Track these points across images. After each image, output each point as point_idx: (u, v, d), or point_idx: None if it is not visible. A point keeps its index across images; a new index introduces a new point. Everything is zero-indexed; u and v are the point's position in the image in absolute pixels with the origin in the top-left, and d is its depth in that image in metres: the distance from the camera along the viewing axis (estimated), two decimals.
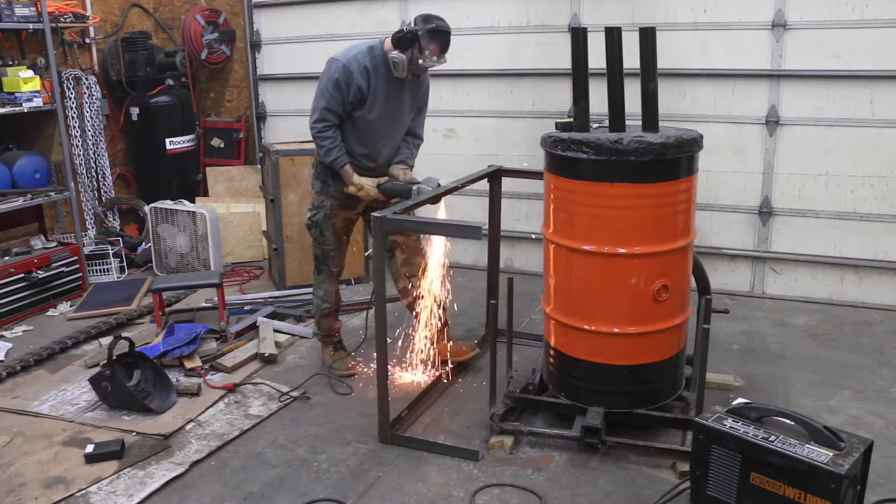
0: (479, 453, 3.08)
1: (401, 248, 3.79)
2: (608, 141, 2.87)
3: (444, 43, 3.44)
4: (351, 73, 3.42)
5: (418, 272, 3.82)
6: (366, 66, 3.45)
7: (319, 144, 3.55)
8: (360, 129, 3.58)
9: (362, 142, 3.61)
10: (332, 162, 3.55)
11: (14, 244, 5.11)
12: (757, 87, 4.69)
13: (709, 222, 4.92)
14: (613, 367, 3.10)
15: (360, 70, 3.44)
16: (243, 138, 6.66)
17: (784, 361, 3.94)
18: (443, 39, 3.43)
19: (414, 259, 3.82)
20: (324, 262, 3.84)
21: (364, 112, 3.53)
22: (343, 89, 3.44)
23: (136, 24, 6.52)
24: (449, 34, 3.45)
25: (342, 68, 3.44)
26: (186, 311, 4.80)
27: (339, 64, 3.46)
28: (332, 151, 3.53)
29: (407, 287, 3.85)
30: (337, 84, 3.44)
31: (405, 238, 3.80)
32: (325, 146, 3.53)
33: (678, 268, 3.09)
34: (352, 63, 3.44)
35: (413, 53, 3.43)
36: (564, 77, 4.99)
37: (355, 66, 3.43)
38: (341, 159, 3.54)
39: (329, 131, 3.50)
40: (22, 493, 2.91)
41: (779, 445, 2.38)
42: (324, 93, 3.48)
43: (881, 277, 4.66)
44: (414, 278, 3.82)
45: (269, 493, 2.90)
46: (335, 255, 3.82)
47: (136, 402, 3.50)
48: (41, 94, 5.04)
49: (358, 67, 3.44)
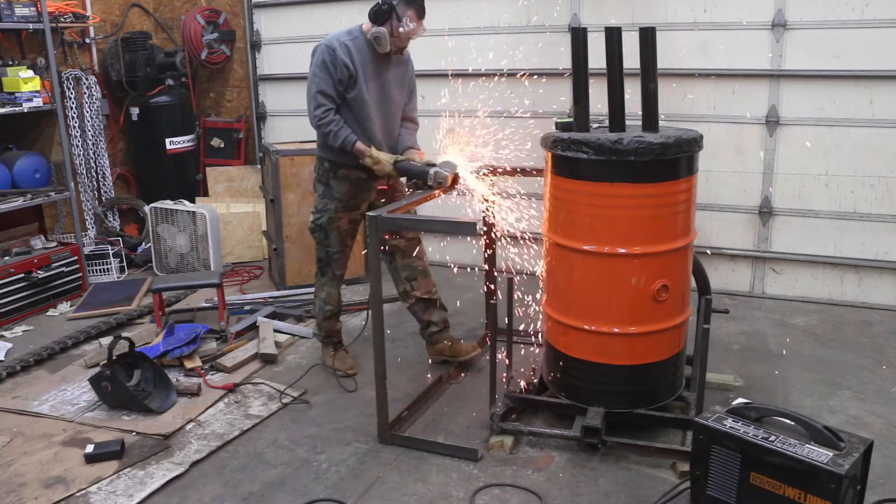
0: (478, 452, 3.08)
1: (402, 252, 3.78)
2: (608, 141, 2.87)
3: (420, 8, 3.47)
4: (334, 50, 3.46)
5: (419, 276, 3.82)
6: (347, 45, 3.48)
7: (325, 131, 3.51)
8: (354, 111, 3.56)
9: (358, 123, 3.58)
10: (343, 143, 3.51)
11: (14, 244, 5.11)
12: (757, 87, 4.69)
13: (709, 222, 4.92)
14: (613, 367, 3.10)
15: (342, 48, 3.47)
16: (243, 138, 6.67)
17: (784, 361, 3.94)
18: (418, 4, 3.46)
19: (414, 263, 3.82)
20: (328, 264, 3.82)
21: (355, 92, 3.53)
22: (330, 69, 3.46)
23: (136, 24, 6.52)
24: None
25: (325, 49, 3.48)
26: (186, 311, 4.80)
27: (321, 46, 3.50)
28: (340, 133, 3.51)
29: (408, 290, 3.84)
30: (323, 65, 3.47)
31: (406, 242, 3.79)
32: (332, 129, 3.50)
33: (678, 268, 3.09)
34: (333, 42, 3.48)
35: (392, 25, 3.46)
36: (564, 77, 4.99)
37: (337, 45, 3.47)
38: (350, 137, 3.52)
39: (330, 115, 3.50)
40: (22, 493, 2.91)
41: (779, 445, 2.38)
42: (313, 78, 3.51)
43: (881, 277, 4.66)
44: (414, 282, 3.82)
45: (269, 493, 2.90)
46: (339, 258, 3.81)
47: (136, 402, 3.50)
48: (41, 94, 5.04)
49: (340, 45, 3.47)
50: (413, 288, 3.83)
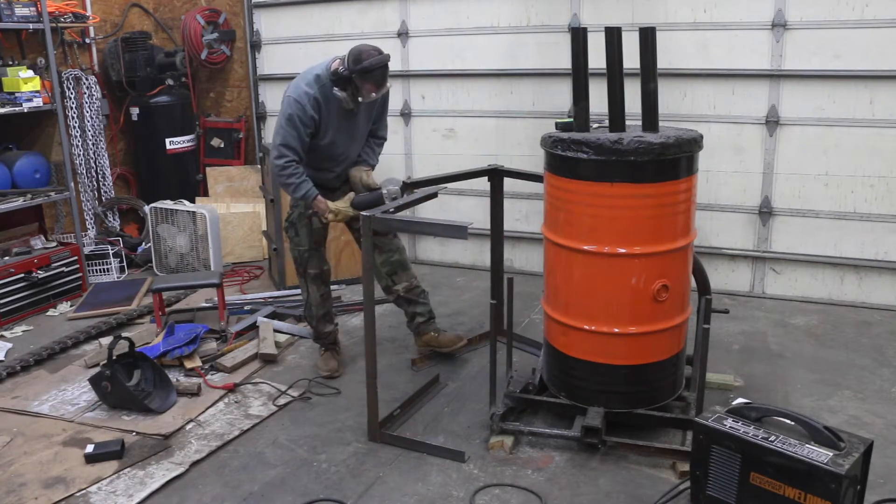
0: (465, 454, 3.08)
1: (379, 249, 3.80)
2: (608, 141, 2.87)
3: (378, 79, 3.46)
4: (303, 106, 3.48)
5: (398, 269, 3.87)
6: (315, 98, 3.50)
7: (286, 182, 3.58)
8: (318, 153, 3.66)
9: (321, 162, 3.70)
10: (303, 197, 3.60)
11: (14, 244, 5.11)
12: (757, 87, 4.69)
13: (709, 222, 4.92)
14: (613, 367, 3.10)
15: (311, 102, 3.49)
16: (243, 138, 6.67)
17: (784, 361, 3.94)
18: (375, 77, 3.45)
19: (392, 258, 3.86)
20: (300, 264, 3.86)
21: (319, 139, 3.61)
22: (297, 124, 3.49)
23: (136, 24, 6.52)
24: (382, 68, 3.45)
25: (293, 103, 3.49)
26: (186, 311, 4.80)
27: (290, 100, 3.51)
28: (301, 187, 3.58)
29: (389, 285, 3.89)
30: (290, 119, 3.49)
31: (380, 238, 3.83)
32: (293, 182, 3.56)
33: (678, 268, 3.09)
34: (302, 97, 3.48)
35: (352, 91, 3.48)
36: (564, 77, 4.99)
37: (306, 100, 3.48)
38: (311, 192, 3.60)
39: (291, 167, 3.54)
40: (22, 493, 2.91)
41: (779, 445, 2.38)
42: (280, 130, 3.53)
43: (881, 277, 4.66)
44: (395, 276, 3.87)
45: (269, 493, 2.90)
46: (310, 257, 3.83)
47: (136, 402, 3.50)
48: (41, 94, 5.04)
49: (308, 100, 3.48)
50: (394, 282, 3.88)
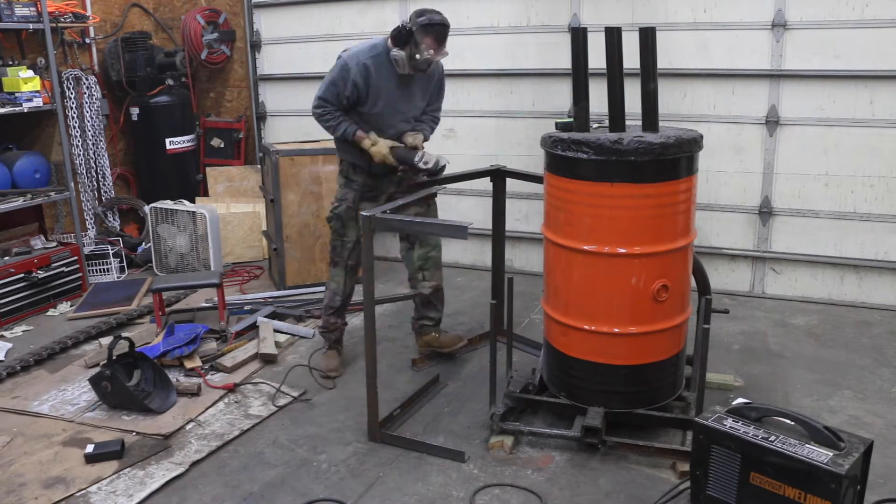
0: (465, 454, 3.08)
1: (420, 242, 3.81)
2: (608, 141, 2.87)
3: (439, 35, 3.47)
4: (348, 70, 3.51)
5: (431, 267, 3.86)
6: (365, 64, 3.51)
7: (325, 126, 3.64)
8: (365, 121, 3.65)
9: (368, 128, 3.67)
10: (343, 133, 3.62)
11: (14, 244, 5.11)
12: (757, 87, 4.69)
13: (709, 222, 4.92)
14: (613, 367, 3.10)
15: (359, 68, 3.50)
16: (243, 138, 6.66)
17: (784, 361, 3.94)
18: (437, 32, 3.46)
19: (430, 253, 3.86)
20: (340, 254, 3.85)
21: (368, 108, 3.60)
22: (339, 85, 3.54)
23: (136, 24, 6.52)
24: (444, 26, 3.48)
25: (342, 65, 3.55)
26: (186, 311, 4.80)
27: (341, 62, 3.58)
28: (339, 126, 3.61)
29: (418, 278, 3.89)
30: (335, 80, 3.56)
31: None
32: (331, 124, 3.62)
33: (678, 268, 3.09)
34: (350, 61, 3.53)
35: (410, 49, 3.47)
36: (564, 77, 4.99)
37: (353, 64, 3.51)
38: (350, 128, 3.61)
39: (328, 112, 3.60)
40: (22, 493, 2.91)
41: (779, 445, 2.38)
42: (323, 84, 3.61)
43: (881, 277, 4.66)
44: (427, 271, 3.86)
45: (269, 493, 2.90)
46: (354, 249, 3.82)
47: (136, 402, 3.50)
48: (41, 94, 5.04)
49: (356, 65, 3.51)
50: (424, 278, 3.88)
